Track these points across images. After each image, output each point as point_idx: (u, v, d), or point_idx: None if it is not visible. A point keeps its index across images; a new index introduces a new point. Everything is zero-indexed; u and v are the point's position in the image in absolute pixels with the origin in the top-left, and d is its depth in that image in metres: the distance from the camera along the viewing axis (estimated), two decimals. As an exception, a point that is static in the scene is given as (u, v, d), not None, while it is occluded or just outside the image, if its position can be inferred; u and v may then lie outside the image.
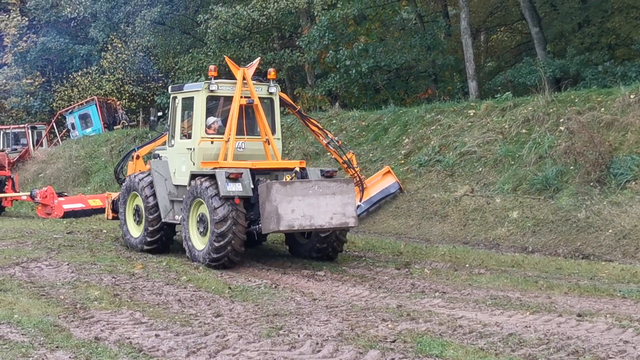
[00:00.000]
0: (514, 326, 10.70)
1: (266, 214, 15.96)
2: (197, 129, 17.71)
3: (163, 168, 18.66)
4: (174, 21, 42.25)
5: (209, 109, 17.92)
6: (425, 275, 15.46)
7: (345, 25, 34.66)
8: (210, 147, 17.64)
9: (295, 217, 15.90)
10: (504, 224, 20.45)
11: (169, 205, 18.32)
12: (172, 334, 10.40)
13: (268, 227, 16.04)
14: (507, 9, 38.72)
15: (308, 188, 16.14)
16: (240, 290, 13.83)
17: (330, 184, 16.45)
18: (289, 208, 15.85)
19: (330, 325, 10.91)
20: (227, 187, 16.14)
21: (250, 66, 18.52)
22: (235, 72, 18.06)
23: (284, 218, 15.79)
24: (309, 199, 16.04)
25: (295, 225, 15.95)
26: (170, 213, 18.28)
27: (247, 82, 17.89)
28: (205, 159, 17.55)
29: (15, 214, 31.97)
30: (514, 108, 23.99)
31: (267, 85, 18.41)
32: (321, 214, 16.12)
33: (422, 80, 36.81)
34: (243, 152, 17.75)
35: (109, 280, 14.83)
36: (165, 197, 18.39)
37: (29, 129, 46.25)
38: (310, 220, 16.03)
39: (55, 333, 10.46)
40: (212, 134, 17.78)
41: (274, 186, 15.92)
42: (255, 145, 18.09)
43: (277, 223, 15.80)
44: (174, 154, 18.46)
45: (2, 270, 15.94)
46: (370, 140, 27.43)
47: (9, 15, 55.77)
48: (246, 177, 16.56)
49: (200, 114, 17.68)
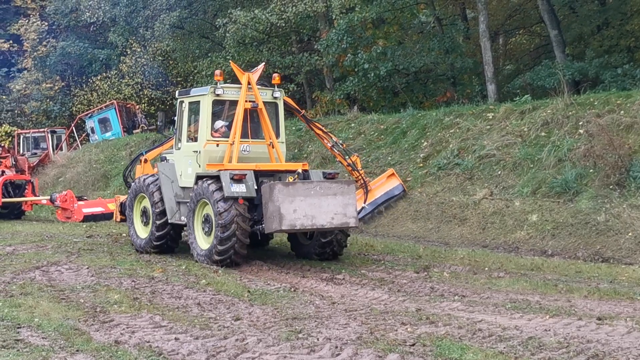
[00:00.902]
0: (533, 330, 10.67)
1: (269, 214, 16.51)
2: (203, 132, 18.14)
3: (170, 170, 19.10)
4: (193, 25, 42.31)
5: (215, 113, 18.43)
6: (444, 278, 15.44)
7: (363, 28, 34.64)
8: (216, 150, 18.08)
9: (297, 217, 16.39)
10: (523, 227, 20.40)
11: (175, 207, 18.78)
12: (191, 338, 10.42)
13: (271, 227, 16.58)
14: (526, 12, 38.61)
15: (310, 189, 16.65)
16: (259, 293, 13.84)
17: (331, 185, 16.96)
18: (291, 208, 16.34)
19: (350, 328, 10.90)
20: (231, 188, 16.69)
21: (254, 71, 18.92)
22: (240, 76, 18.48)
23: (286, 218, 16.27)
24: (310, 199, 16.53)
25: (297, 225, 16.47)
26: (176, 214, 18.74)
27: (252, 86, 18.35)
28: (210, 162, 17.96)
29: (35, 218, 32.10)
30: (533, 111, 23.92)
31: (272, 90, 18.91)
32: (322, 214, 16.62)
33: (441, 83, 36.76)
34: (248, 155, 18.27)
35: (128, 283, 14.88)
36: (172, 199, 18.85)
37: (49, 133, 46.41)
38: (311, 220, 16.53)
39: (75, 336, 10.49)
40: (218, 137, 18.19)
41: (277, 187, 16.43)
42: (260, 148, 18.60)
43: (280, 223, 16.29)
44: (181, 157, 18.91)
45: (23, 274, 16.02)
46: (389, 143, 27.41)
47: (28, 20, 56.10)
48: (250, 178, 17.11)
49: (206, 117, 18.13)
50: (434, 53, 33.05)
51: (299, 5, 34.26)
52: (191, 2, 40.90)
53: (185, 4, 40.47)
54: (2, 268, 16.70)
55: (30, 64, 55.42)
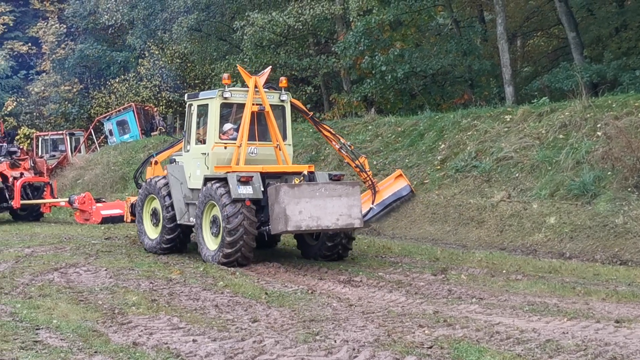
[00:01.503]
0: (551, 332, 10.64)
1: (275, 215, 16.78)
2: (211, 135, 18.39)
3: (179, 172, 19.38)
4: (211, 28, 42.44)
5: (223, 116, 18.72)
6: (462, 281, 15.41)
7: (381, 30, 34.64)
8: (224, 152, 18.34)
9: (303, 218, 16.67)
10: (541, 230, 20.35)
11: (184, 208, 19.09)
12: (209, 339, 10.44)
13: (277, 228, 16.86)
14: (544, 14, 38.53)
15: (315, 190, 16.91)
16: (276, 295, 13.85)
17: (336, 186, 17.21)
18: (297, 209, 16.61)
19: (367, 331, 10.90)
20: (238, 189, 16.96)
21: (261, 75, 19.16)
22: (247, 80, 18.76)
23: (291, 219, 16.56)
24: (316, 200, 16.79)
25: (302, 226, 16.73)
26: (185, 215, 19.03)
27: (259, 89, 18.56)
28: (218, 164, 18.21)
29: (53, 220, 32.23)
30: (550, 113, 23.87)
31: (279, 93, 19.18)
32: (328, 215, 16.88)
33: (458, 85, 36.75)
34: (255, 157, 18.54)
35: (146, 285, 14.92)
36: (181, 200, 19.15)
37: (67, 136, 46.64)
38: (317, 221, 16.80)
39: (93, 338, 10.53)
40: (226, 140, 18.46)
41: (282, 188, 16.65)
42: (267, 150, 18.83)
43: (285, 224, 16.58)
44: (190, 159, 19.16)
45: (41, 275, 16.09)
46: (406, 145, 27.40)
47: (47, 23, 56.42)
48: (257, 180, 17.40)
49: (214, 120, 18.37)
50: (451, 55, 33.01)
51: (316, 7, 34.39)
52: (209, 4, 41.04)
53: (203, 6, 40.63)
54: (20, 269, 16.78)
55: (48, 66, 55.74)
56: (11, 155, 31.82)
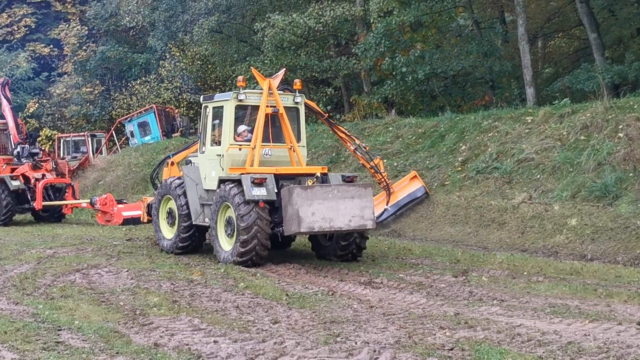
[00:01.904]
0: (573, 334, 10.61)
1: (288, 217, 17.00)
2: (226, 137, 18.62)
3: (194, 173, 19.65)
4: (231, 30, 42.50)
5: (237, 118, 18.91)
6: (483, 282, 15.38)
7: (401, 32, 34.59)
8: (238, 154, 18.53)
9: (316, 219, 16.87)
10: (562, 232, 20.27)
11: (199, 209, 19.33)
12: (230, 341, 10.46)
13: (290, 229, 17.09)
14: (565, 15, 38.39)
15: (328, 192, 17.12)
16: (297, 297, 13.87)
17: (349, 188, 17.40)
18: (310, 211, 16.81)
19: (388, 332, 10.90)
20: (252, 191, 17.18)
21: (275, 77, 19.50)
22: (261, 82, 19.01)
23: (304, 220, 16.75)
24: (328, 202, 17.00)
25: (315, 227, 16.95)
26: (200, 216, 19.28)
27: (273, 92, 18.81)
28: (233, 165, 18.44)
29: (75, 221, 32.39)
30: (572, 114, 23.78)
31: (293, 95, 19.37)
32: (340, 217, 17.08)
33: (479, 86, 36.66)
34: (269, 159, 18.71)
35: (167, 286, 14.97)
36: (196, 201, 19.42)
37: (89, 137, 46.80)
38: (329, 222, 17.00)
39: (115, 339, 10.58)
40: (240, 142, 18.67)
41: (295, 190, 16.85)
42: (281, 152, 19.02)
43: (298, 225, 16.78)
44: (205, 160, 19.42)
45: (63, 276, 16.17)
46: (427, 147, 27.36)
47: (69, 25, 56.64)
48: (270, 182, 17.56)
49: (229, 122, 18.58)
50: (472, 56, 32.93)
51: (336, 9, 34.40)
52: (230, 6, 41.11)
53: (224, 8, 40.70)
54: (42, 271, 16.87)
55: (70, 68, 55.97)
56: (33, 156, 31.98)
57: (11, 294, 14.20)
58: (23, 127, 34.16)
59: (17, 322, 11.63)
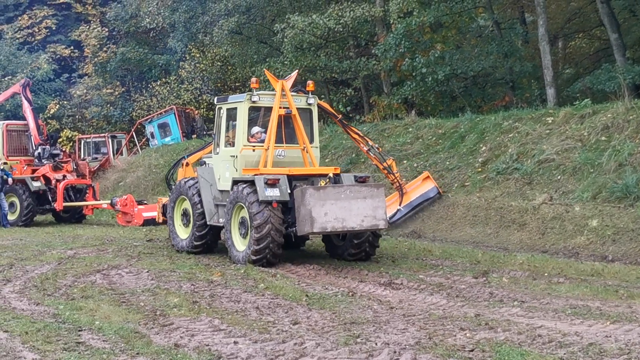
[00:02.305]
0: (594, 336, 10.56)
1: (301, 217, 17.15)
2: (240, 138, 18.87)
3: (209, 174, 19.89)
4: (251, 31, 42.56)
5: (251, 119, 19.15)
6: (503, 284, 15.33)
7: (421, 33, 34.54)
8: (252, 155, 18.77)
9: (328, 219, 17.02)
10: (583, 233, 20.18)
11: (213, 209, 19.58)
12: (250, 341, 10.47)
13: (303, 229, 17.23)
14: (585, 15, 38.24)
15: (340, 192, 17.25)
16: (317, 298, 13.86)
17: (361, 188, 17.54)
18: (322, 211, 16.97)
19: (408, 333, 10.88)
20: (265, 192, 17.38)
21: (288, 79, 19.69)
22: (274, 84, 19.28)
23: (317, 221, 16.92)
24: (341, 202, 17.13)
25: (328, 227, 17.09)
26: (215, 216, 19.52)
27: (286, 93, 19.04)
28: (247, 166, 18.68)
29: (96, 222, 32.51)
30: (593, 115, 23.68)
31: (306, 97, 19.59)
32: (353, 217, 17.22)
33: (499, 87, 36.56)
34: (283, 160, 18.96)
35: (188, 287, 15.00)
36: (211, 202, 19.66)
37: (109, 138, 46.95)
38: (342, 222, 17.14)
39: (135, 339, 10.60)
40: (254, 143, 18.91)
41: (308, 191, 17.03)
42: (295, 152, 19.28)
43: (311, 225, 16.94)
44: (219, 161, 19.67)
45: (84, 277, 16.23)
46: (447, 148, 27.30)
47: (89, 26, 56.82)
48: (283, 182, 17.75)
49: (243, 123, 18.84)
50: (492, 57, 32.82)
51: (356, 10, 34.38)
52: (249, 7, 41.17)
53: (244, 9, 40.75)
54: (63, 271, 16.95)
55: (90, 69, 56.17)
56: (54, 157, 32.13)
57: (32, 295, 14.26)
58: (44, 128, 34.32)
59: (38, 322, 11.68)
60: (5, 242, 23.37)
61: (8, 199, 30.19)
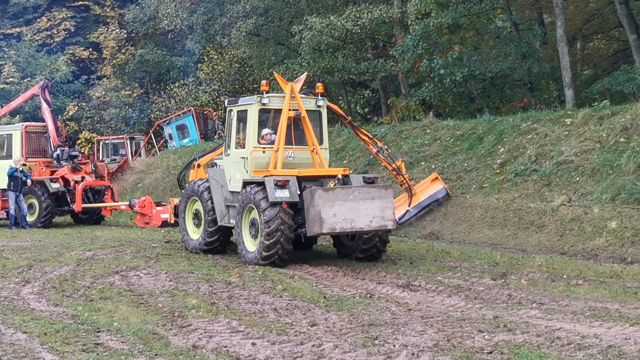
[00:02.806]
0: (613, 338, 10.52)
1: (310, 218, 17.50)
2: (250, 139, 19.19)
3: (220, 175, 20.14)
4: (269, 32, 42.60)
5: (261, 121, 19.45)
6: (522, 286, 15.29)
7: (439, 34, 34.50)
8: (262, 156, 19.09)
9: (337, 220, 17.33)
10: (602, 234, 20.11)
11: (224, 210, 19.80)
12: (268, 343, 10.48)
13: (312, 230, 17.60)
14: (604, 17, 38.04)
15: (349, 193, 17.57)
16: (335, 299, 13.87)
17: (369, 189, 17.90)
18: (331, 212, 17.28)
19: (426, 335, 10.86)
20: (275, 193, 17.62)
21: (297, 81, 20.01)
22: (283, 86, 19.57)
23: (326, 221, 17.23)
24: (349, 203, 17.44)
25: (337, 228, 17.42)
26: (225, 217, 19.77)
27: (295, 95, 19.30)
28: (257, 168, 18.99)
29: (114, 223, 32.61)
30: (611, 116, 23.60)
31: (315, 99, 19.88)
32: (361, 218, 17.52)
33: (518, 88, 36.43)
34: (293, 161, 19.22)
35: (206, 288, 15.03)
36: (222, 203, 19.87)
37: (128, 140, 47.05)
38: (351, 223, 17.45)
39: (153, 341, 10.63)
40: (264, 144, 19.23)
41: (317, 192, 17.37)
42: (304, 154, 19.53)
43: (320, 226, 17.27)
44: (230, 163, 19.97)
45: (102, 278, 16.28)
46: (465, 149, 27.26)
47: (108, 28, 57.01)
48: (293, 184, 17.97)
49: (253, 125, 19.14)
50: (510, 58, 32.71)
51: (374, 11, 34.36)
52: (267, 9, 41.21)
53: (262, 11, 40.79)
54: (82, 272, 17.01)
55: (109, 71, 56.34)
56: (73, 159, 32.23)
57: (51, 296, 14.32)
58: (63, 130, 34.42)
59: (57, 323, 11.73)
60: (24, 243, 23.47)
61: (27, 200, 30.34)
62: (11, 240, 24.69)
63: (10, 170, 29.60)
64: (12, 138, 32.24)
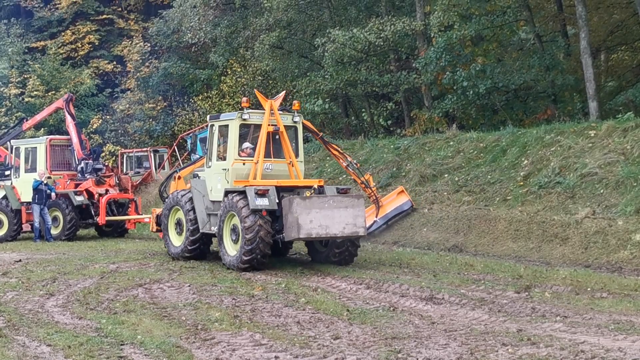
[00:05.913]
0: (637, 352, 10.46)
1: (288, 224, 18.98)
2: (231, 152, 20.77)
3: (201, 186, 21.63)
4: (292, 45, 42.71)
5: (241, 135, 21.01)
6: (545, 299, 15.23)
7: (462, 46, 34.47)
8: (242, 168, 20.64)
9: (313, 226, 18.84)
10: (626, 247, 20.01)
11: (206, 218, 21.32)
12: (291, 356, 10.48)
13: (290, 235, 19.07)
14: (628, 28, 37.87)
15: (324, 202, 19.14)
16: (358, 312, 13.85)
17: (343, 198, 19.50)
18: (308, 219, 18.79)
19: (450, 349, 10.84)
20: (255, 201, 19.07)
21: (276, 99, 21.53)
22: (263, 103, 21.03)
23: (303, 227, 18.73)
24: (325, 211, 18.98)
25: (313, 233, 18.94)
26: (207, 224, 21.24)
27: (274, 112, 20.88)
28: (237, 178, 20.48)
29: (138, 236, 32.70)
30: (636, 129, 23.50)
31: (292, 115, 21.55)
32: (335, 224, 19.05)
33: (541, 100, 36.30)
34: (270, 172, 20.80)
35: (229, 301, 15.05)
36: (203, 211, 21.38)
37: (152, 153, 47.16)
38: (326, 229, 18.99)
39: (177, 354, 10.65)
40: (244, 157, 20.77)
41: (295, 200, 18.89)
42: (281, 166, 21.10)
43: (298, 231, 18.75)
44: (211, 174, 21.40)
45: (126, 291, 16.33)
46: (489, 162, 27.20)
47: (131, 42, 57.25)
48: (272, 193, 19.46)
49: (234, 139, 20.73)
50: (534, 70, 32.65)
51: (397, 24, 34.38)
52: (290, 22, 41.33)
53: (285, 24, 40.93)
54: (105, 285, 17.07)
55: (133, 84, 56.51)
56: (97, 172, 32.36)
57: (75, 309, 14.38)
58: (87, 143, 34.60)
59: (81, 336, 11.77)
60: (48, 256, 23.60)
61: (51, 213, 30.49)
62: (35, 253, 24.85)
63: (35, 183, 29.80)
64: (36, 151, 32.47)
